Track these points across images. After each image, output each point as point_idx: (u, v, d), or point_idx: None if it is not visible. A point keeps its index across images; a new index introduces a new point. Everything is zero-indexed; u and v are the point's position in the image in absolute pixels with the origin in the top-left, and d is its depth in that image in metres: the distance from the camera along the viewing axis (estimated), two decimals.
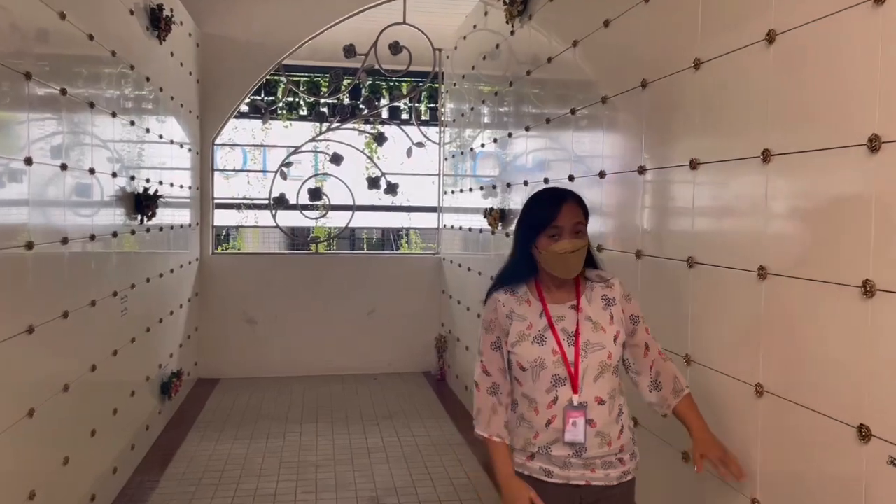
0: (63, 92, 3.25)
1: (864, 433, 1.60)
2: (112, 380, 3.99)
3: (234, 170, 8.70)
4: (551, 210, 2.02)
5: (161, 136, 5.12)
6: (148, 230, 4.70)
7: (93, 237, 3.65)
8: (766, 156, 1.97)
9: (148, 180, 4.68)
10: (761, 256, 1.99)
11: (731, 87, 2.17)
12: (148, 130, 4.77)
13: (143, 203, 4.40)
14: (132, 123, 4.38)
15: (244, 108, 7.57)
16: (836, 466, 1.70)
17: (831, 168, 1.74)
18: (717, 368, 2.23)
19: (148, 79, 4.73)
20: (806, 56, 1.84)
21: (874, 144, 1.57)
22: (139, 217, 4.43)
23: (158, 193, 4.60)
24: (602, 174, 3.14)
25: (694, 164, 2.36)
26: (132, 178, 4.37)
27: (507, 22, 4.46)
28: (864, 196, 1.62)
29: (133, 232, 4.36)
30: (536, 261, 2.07)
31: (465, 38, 6.01)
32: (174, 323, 5.55)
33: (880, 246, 1.57)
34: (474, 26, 5.66)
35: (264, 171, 8.48)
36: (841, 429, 1.68)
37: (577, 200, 2.05)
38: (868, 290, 1.59)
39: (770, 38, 1.96)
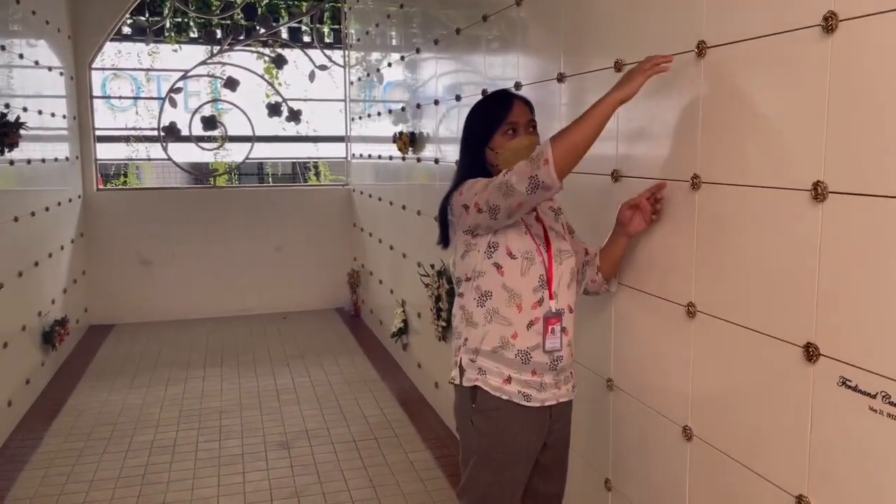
0: None
1: (811, 353, 1.46)
2: None
3: (118, 97, 7.96)
4: (504, 106, 1.99)
5: (21, 57, 4.49)
6: (12, 163, 4.15)
7: None
8: (702, 49, 1.75)
9: (7, 106, 4.10)
10: (695, 165, 1.80)
11: None
12: (4, 49, 4.16)
13: (1, 131, 3.85)
14: None
15: (126, 29, 6.86)
16: (782, 388, 1.55)
17: (773, 56, 1.53)
18: (648, 290, 2.06)
19: None
20: None
21: (829, 24, 1.37)
22: None
23: (21, 121, 4.05)
24: (518, 85, 2.88)
25: (619, 66, 2.13)
26: None
27: None
28: (815, 85, 1.42)
29: None
30: (493, 166, 1.98)
31: None
32: (55, 266, 5.03)
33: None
34: None
35: (153, 98, 7.79)
36: (786, 349, 1.53)
37: (525, 101, 2.04)
38: (819, 192, 1.41)
39: None
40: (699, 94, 1.78)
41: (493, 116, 1.99)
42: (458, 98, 3.64)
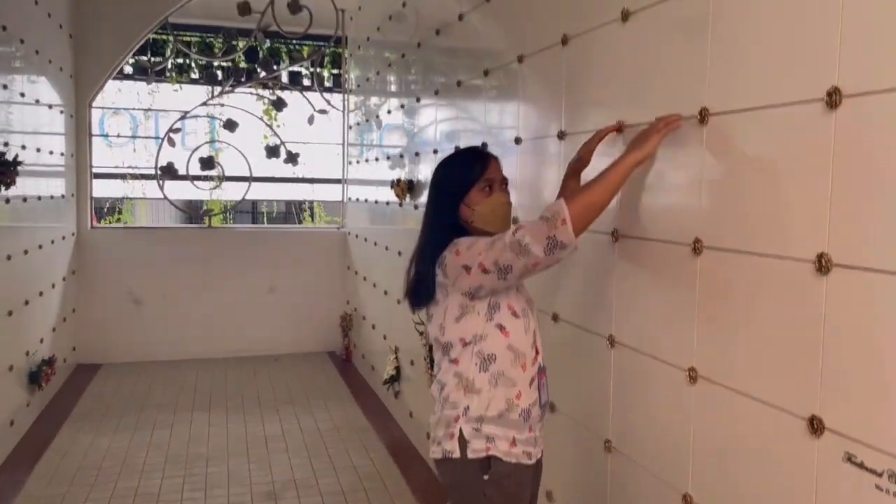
0: None
1: (816, 426, 1.44)
2: None
3: (117, 136, 7.98)
4: (482, 162, 2.00)
5: (23, 95, 4.51)
6: (7, 201, 4.13)
7: None
8: (704, 116, 1.77)
9: (6, 144, 4.10)
10: (697, 229, 1.80)
11: (665, 42, 1.96)
12: (5, 87, 4.18)
13: None
14: None
15: (128, 69, 6.92)
16: (785, 460, 1.53)
17: (779, 126, 1.55)
18: (646, 351, 2.04)
19: (4, 28, 4.13)
20: (754, 5, 1.64)
21: (833, 99, 1.38)
22: None
23: (18, 159, 4.04)
24: (518, 140, 2.91)
25: (621, 128, 2.15)
26: None
27: None
28: (820, 158, 1.43)
29: None
30: (466, 223, 1.97)
31: None
32: (45, 304, 4.98)
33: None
34: None
35: (152, 138, 7.83)
36: (790, 420, 1.51)
37: (497, 158, 2.07)
38: (823, 264, 1.41)
39: None
40: (702, 160, 1.79)
41: (471, 172, 1.98)
42: (457, 148, 3.66)
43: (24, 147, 4.41)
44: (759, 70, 1.61)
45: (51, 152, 5.14)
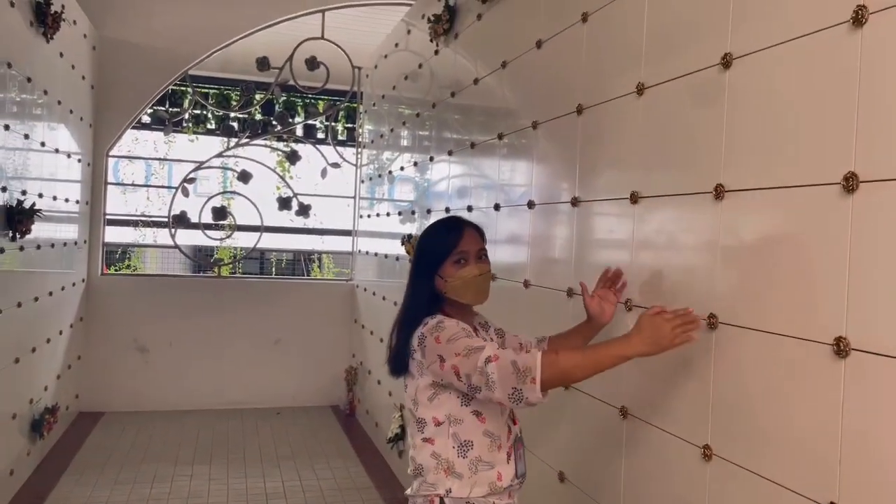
0: None
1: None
2: None
3: (132, 184, 8.09)
4: (455, 235, 1.99)
5: (44, 145, 4.59)
6: (22, 248, 4.16)
7: None
8: (720, 192, 1.78)
9: (24, 192, 4.15)
10: (712, 304, 1.80)
11: (680, 116, 1.99)
12: (27, 137, 4.26)
13: (15, 218, 3.88)
14: (6, 128, 3.88)
15: (146, 118, 7.05)
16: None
17: (795, 207, 1.56)
18: (660, 425, 2.01)
19: (29, 80, 4.23)
20: (769, 81, 1.67)
21: (850, 184, 1.40)
22: (11, 233, 3.91)
23: (36, 208, 4.09)
24: (531, 204, 2.93)
25: (634, 198, 2.17)
26: (4, 189, 3.86)
27: (431, 41, 4.24)
28: (838, 241, 1.43)
29: (2, 250, 3.84)
30: (441, 294, 1.97)
31: (386, 56, 5.76)
32: (51, 352, 4.97)
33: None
34: (396, 45, 5.42)
35: (165, 187, 7.93)
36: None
37: (477, 228, 2.06)
38: (842, 348, 1.40)
39: (726, 62, 1.78)
40: (717, 235, 1.80)
41: (444, 244, 1.98)
42: (469, 209, 3.69)
43: (41, 195, 4.47)
44: (776, 149, 1.63)
45: (66, 200, 5.20)
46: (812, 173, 1.51)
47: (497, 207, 3.31)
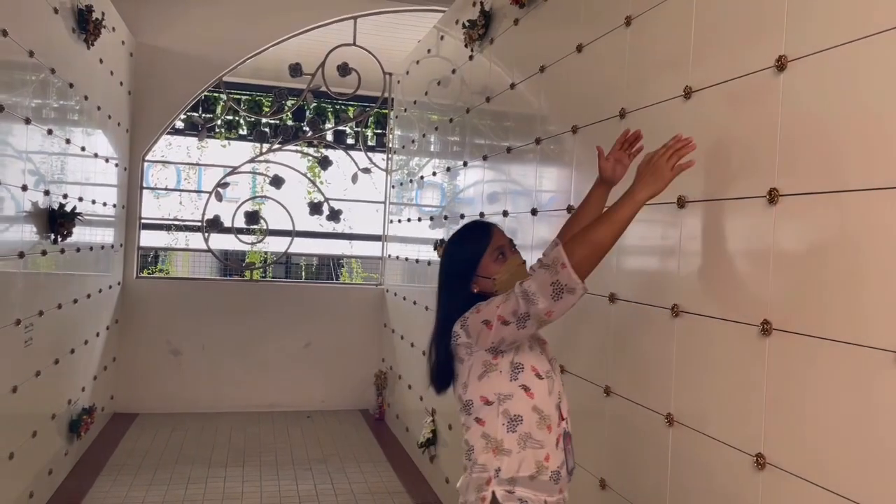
0: None
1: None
2: (9, 420, 3.51)
3: (165, 189, 8.20)
4: (486, 234, 2.00)
5: (84, 149, 4.67)
6: (63, 251, 4.24)
7: None
8: (774, 196, 1.76)
9: (65, 196, 4.23)
10: (765, 309, 1.77)
11: (730, 120, 1.97)
12: (68, 141, 4.34)
13: (57, 221, 3.95)
14: (49, 132, 3.96)
15: (180, 124, 7.15)
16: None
17: (853, 211, 1.53)
18: (709, 433, 1.99)
19: (71, 85, 4.31)
20: (825, 84, 1.64)
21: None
22: (53, 236, 3.98)
23: (77, 211, 4.16)
24: (570, 209, 2.91)
25: (681, 202, 2.14)
26: (47, 192, 3.93)
27: (465, 46, 4.24)
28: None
29: (44, 252, 3.91)
30: (487, 293, 1.95)
31: (417, 62, 5.78)
32: (89, 353, 5.04)
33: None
34: (428, 51, 5.44)
35: (199, 192, 8.02)
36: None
37: (497, 226, 2.07)
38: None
39: (781, 65, 1.75)
40: (770, 239, 1.77)
41: (478, 245, 1.97)
42: (505, 213, 3.68)
43: (81, 199, 4.54)
44: (831, 152, 1.60)
45: (104, 204, 5.29)
46: (869, 176, 1.48)
47: (534, 212, 3.29)
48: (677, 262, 2.17)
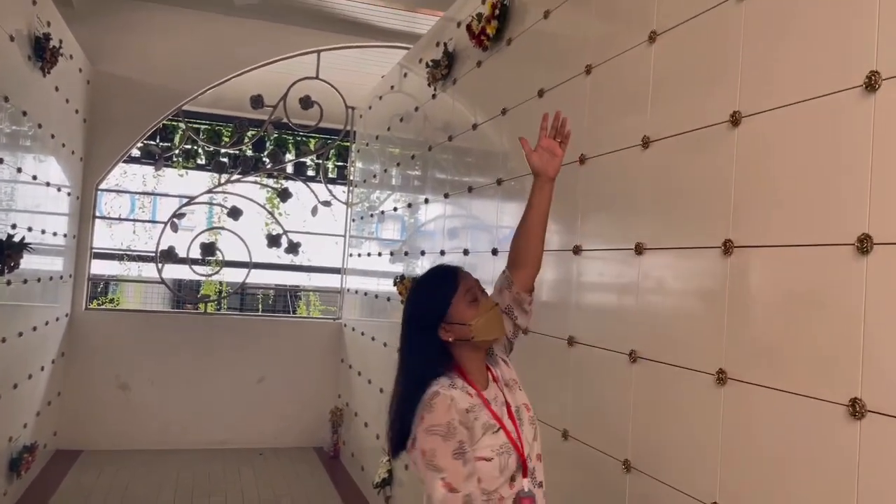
0: None
1: None
2: None
3: (118, 218, 8.02)
4: (455, 278, 1.86)
5: (35, 178, 4.55)
6: (9, 282, 4.09)
7: None
8: (728, 247, 1.80)
9: (14, 226, 4.10)
10: (720, 359, 1.80)
11: (687, 171, 2.02)
12: (20, 170, 4.22)
13: (5, 252, 3.82)
14: (0, 161, 3.84)
15: (136, 152, 7.03)
16: None
17: (808, 266, 1.58)
18: (665, 480, 2.00)
19: (25, 113, 4.21)
20: (779, 141, 1.70)
21: (864, 246, 1.42)
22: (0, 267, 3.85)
23: (25, 241, 4.04)
24: None
25: (639, 249, 2.18)
26: None
27: (429, 85, 4.29)
28: (852, 302, 1.45)
29: None
30: (454, 344, 1.81)
31: (380, 98, 5.81)
32: (33, 388, 4.86)
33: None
34: (392, 87, 5.47)
35: (153, 222, 7.88)
36: None
37: (461, 268, 1.92)
38: (857, 409, 1.40)
39: (735, 120, 1.81)
40: (724, 290, 1.81)
41: (446, 290, 1.83)
42: (465, 252, 3.69)
43: (30, 229, 4.41)
44: (788, 205, 1.65)
45: (54, 234, 5.14)
46: (825, 233, 1.53)
47: (495, 252, 3.31)
48: (635, 308, 2.20)
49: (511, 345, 2.05)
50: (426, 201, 4.47)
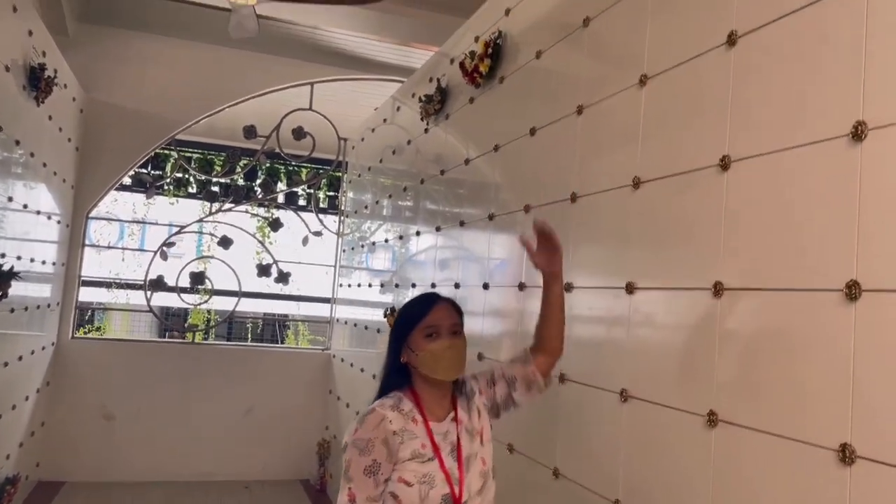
0: None
1: None
2: None
3: (108, 246, 7.99)
4: (424, 307, 1.95)
5: (26, 206, 4.54)
6: None
7: None
8: (719, 290, 1.82)
9: (3, 255, 4.08)
10: (711, 401, 1.81)
11: (677, 213, 2.05)
12: (11, 199, 4.21)
13: None
14: None
15: (127, 180, 7.03)
16: None
17: (796, 310, 1.60)
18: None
19: (18, 142, 4.21)
20: (769, 186, 1.73)
21: (853, 292, 1.44)
22: None
23: (14, 270, 4.01)
24: (522, 286, 2.95)
25: (630, 288, 2.20)
26: None
27: (422, 119, 4.33)
28: (840, 346, 1.47)
29: None
30: (411, 368, 1.92)
31: (373, 130, 5.86)
32: (16, 418, 4.79)
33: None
34: (384, 120, 5.52)
35: (142, 250, 7.85)
36: None
37: (452, 303, 2.01)
38: (847, 455, 1.41)
39: (724, 164, 1.84)
40: (714, 332, 1.83)
41: (413, 316, 1.94)
42: (456, 286, 3.70)
43: (19, 258, 4.39)
44: (778, 250, 1.67)
45: (43, 262, 5.12)
46: (814, 278, 1.55)
47: (486, 286, 3.32)
48: (626, 347, 2.21)
49: (498, 409, 2.08)
50: (417, 233, 4.49)
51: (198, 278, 6.32)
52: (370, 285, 5.65)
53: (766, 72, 1.76)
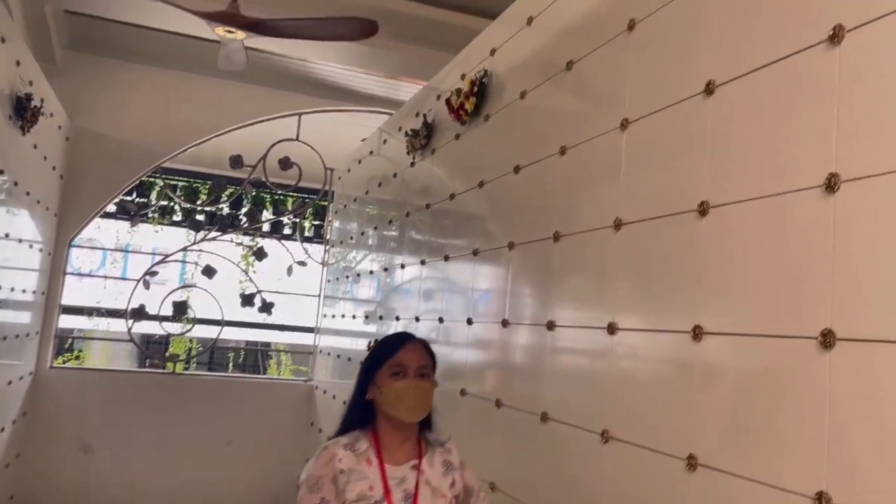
0: None
1: None
2: None
3: (89, 274, 7.93)
4: (393, 346, 1.98)
5: (7, 235, 4.51)
6: None
7: None
8: (612, 329, 1.84)
9: None
10: (691, 444, 1.82)
11: (659, 255, 2.08)
12: None
13: None
14: None
15: (111, 207, 7.00)
16: None
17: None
18: None
19: (1, 171, 4.19)
20: (745, 233, 1.76)
21: (827, 340, 1.46)
22: None
23: None
24: (505, 323, 2.96)
25: (612, 329, 2.22)
26: None
27: (408, 153, 4.36)
28: (817, 393, 1.49)
29: None
30: (375, 406, 1.92)
31: (359, 161, 5.89)
32: None
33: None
34: (371, 152, 5.56)
35: (125, 279, 7.79)
36: None
37: (424, 344, 2.03)
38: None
39: (703, 210, 1.88)
40: (692, 376, 1.84)
41: (383, 353, 1.96)
42: (440, 320, 3.71)
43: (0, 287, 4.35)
44: (755, 296, 1.70)
45: (23, 290, 5.06)
46: (789, 325, 1.57)
47: (469, 322, 3.33)
48: (608, 387, 2.22)
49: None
50: (402, 266, 4.50)
51: (180, 308, 6.28)
52: (354, 316, 5.64)
53: (742, 121, 1.80)
